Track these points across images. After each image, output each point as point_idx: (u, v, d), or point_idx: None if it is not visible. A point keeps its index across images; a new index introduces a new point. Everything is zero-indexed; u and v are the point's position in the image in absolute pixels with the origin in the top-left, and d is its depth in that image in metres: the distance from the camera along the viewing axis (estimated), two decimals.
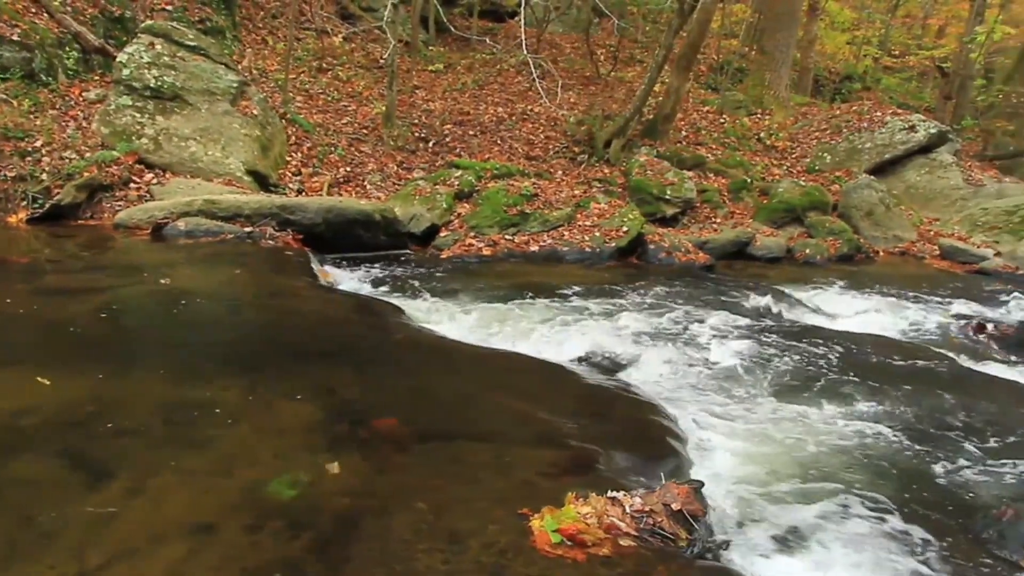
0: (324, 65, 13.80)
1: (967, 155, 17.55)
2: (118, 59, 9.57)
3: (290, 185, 10.07)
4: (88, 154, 8.60)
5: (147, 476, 2.94)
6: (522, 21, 9.29)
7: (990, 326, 7.60)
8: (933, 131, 15.18)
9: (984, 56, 19.60)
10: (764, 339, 6.43)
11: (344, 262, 8.17)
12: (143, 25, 10.11)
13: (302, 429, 3.48)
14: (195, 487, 2.91)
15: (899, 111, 16.71)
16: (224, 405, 3.63)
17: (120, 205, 8.19)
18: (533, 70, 10.31)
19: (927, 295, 9.28)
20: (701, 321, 6.92)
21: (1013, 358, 6.96)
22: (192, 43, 10.17)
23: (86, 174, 8.20)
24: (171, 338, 4.64)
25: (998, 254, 11.80)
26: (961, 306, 8.78)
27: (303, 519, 2.75)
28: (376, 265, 8.32)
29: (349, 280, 7.59)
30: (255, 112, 10.21)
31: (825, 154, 15.20)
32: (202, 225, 7.50)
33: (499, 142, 12.89)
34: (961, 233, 13.05)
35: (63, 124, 8.97)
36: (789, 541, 3.46)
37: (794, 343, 6.36)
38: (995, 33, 16.90)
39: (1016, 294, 9.75)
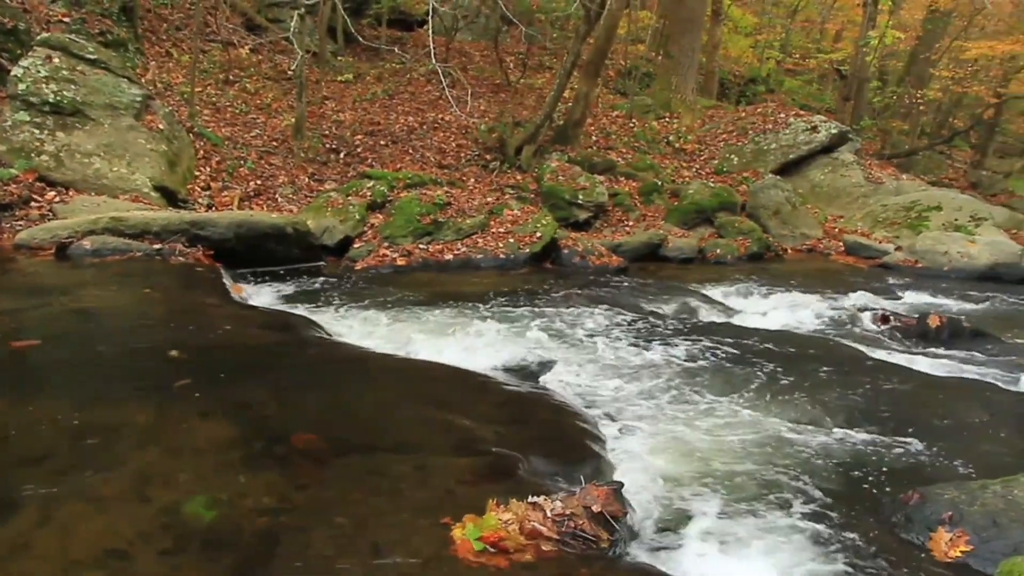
0: (231, 77, 13.59)
1: (867, 154, 18.16)
2: (13, 73, 9.26)
3: (199, 200, 9.90)
4: None
5: (56, 505, 2.85)
6: (430, 30, 9.28)
7: (893, 318, 7.89)
8: (834, 131, 15.69)
9: (878, 59, 20.30)
10: (679, 339, 6.56)
11: (257, 277, 8.06)
12: (39, 38, 9.80)
13: (218, 448, 3.43)
14: (108, 513, 2.83)
15: (802, 112, 17.21)
16: (136, 427, 3.56)
17: (21, 225, 7.92)
18: (442, 79, 10.32)
19: (834, 290, 9.57)
20: (617, 323, 7.03)
21: (915, 347, 7.23)
22: (92, 56, 9.92)
23: None
24: (79, 360, 4.52)
25: (898, 248, 12.23)
26: (866, 299, 9.09)
27: (222, 540, 2.72)
28: (290, 279, 8.23)
29: (263, 295, 7.49)
30: (161, 126, 10.01)
31: (732, 156, 15.56)
32: (109, 243, 7.31)
33: (411, 151, 12.88)
34: (864, 229, 13.51)
35: None
36: (709, 537, 3.54)
37: (708, 342, 6.50)
38: (887, 38, 17.52)
39: (916, 287, 10.14)
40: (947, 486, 3.94)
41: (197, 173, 10.47)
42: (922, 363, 6.62)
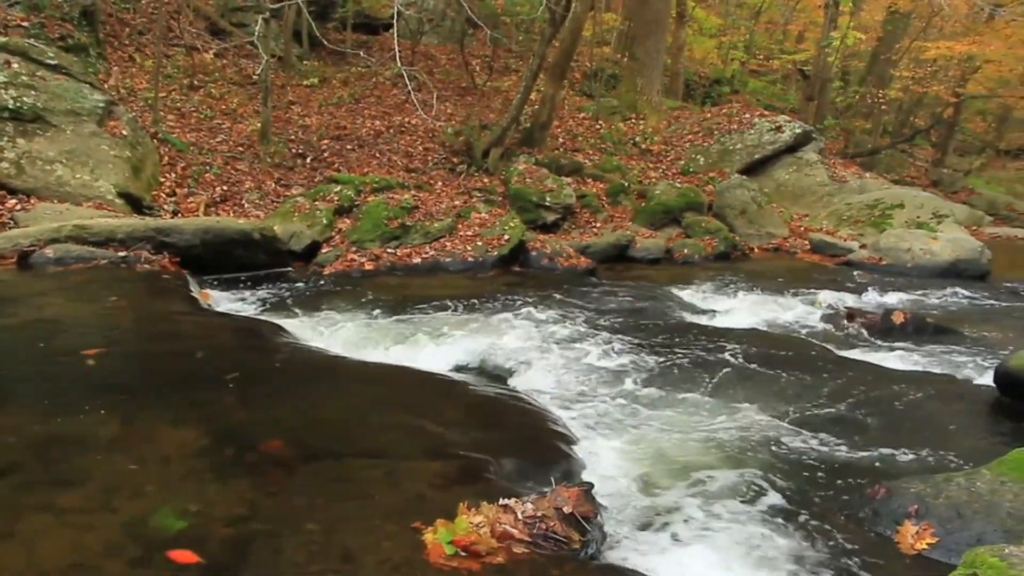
0: (196, 82, 13.48)
1: (830, 153, 18.36)
2: None
3: (165, 207, 9.81)
4: None
5: (19, 519, 2.81)
6: (395, 33, 9.26)
7: (859, 314, 7.99)
8: (798, 131, 15.86)
9: (840, 60, 20.54)
10: (648, 339, 6.60)
11: (225, 283, 8.00)
12: None
13: (187, 457, 3.41)
14: (74, 526, 2.80)
15: (766, 113, 17.36)
16: (102, 438, 3.52)
17: None
18: (408, 82, 10.29)
19: (800, 288, 9.66)
20: (586, 325, 7.06)
21: (880, 343, 7.33)
22: (53, 61, 9.81)
23: None
24: (43, 371, 4.46)
25: (863, 246, 12.37)
26: (832, 297, 9.17)
27: (192, 550, 2.70)
28: (258, 285, 8.18)
29: (230, 301, 7.45)
30: (124, 132, 9.92)
31: (698, 156, 15.67)
32: (73, 252, 7.21)
33: (377, 155, 12.84)
34: (829, 227, 13.65)
35: None
36: (681, 535, 3.57)
37: (677, 341, 6.55)
38: (848, 38, 17.75)
39: (880, 283, 10.26)
40: (913, 480, 4.00)
41: (162, 179, 10.38)
42: (887, 359, 6.73)
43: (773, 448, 4.56)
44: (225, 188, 10.80)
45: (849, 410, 5.18)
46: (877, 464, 4.39)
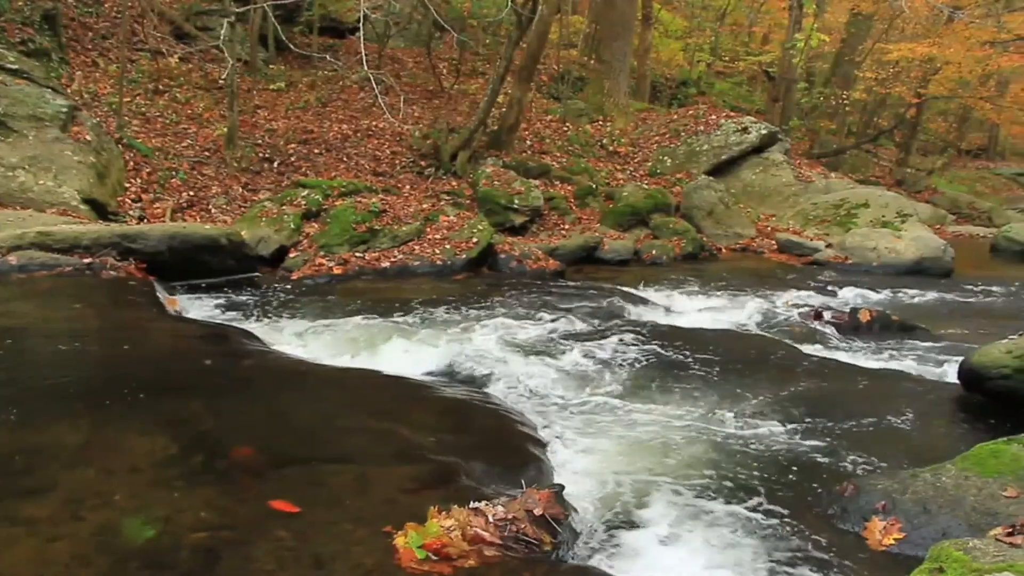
0: (160, 87, 13.36)
1: (796, 153, 18.52)
2: None
3: (131, 213, 9.72)
4: None
5: None
6: (361, 37, 9.25)
7: (826, 313, 8.07)
8: (764, 132, 16.00)
9: (805, 61, 20.71)
10: (617, 340, 6.62)
11: (192, 289, 7.93)
12: None
13: (155, 465, 3.38)
14: (40, 537, 2.76)
15: (732, 114, 17.49)
16: (69, 447, 3.48)
17: None
18: (375, 86, 10.28)
19: (768, 288, 9.75)
20: (555, 327, 7.07)
21: (847, 342, 7.41)
22: (14, 66, 9.69)
23: None
24: (7, 380, 4.40)
25: (829, 245, 12.50)
26: (799, 296, 9.27)
27: (162, 559, 2.69)
28: (225, 290, 8.12)
29: (198, 307, 7.38)
30: (88, 138, 9.81)
31: (665, 157, 15.75)
32: (36, 259, 7.12)
33: (345, 159, 12.80)
34: (795, 227, 13.78)
35: None
36: (652, 535, 3.58)
37: (646, 342, 6.57)
38: (812, 40, 17.91)
39: (847, 282, 10.38)
40: (880, 476, 4.06)
41: (128, 185, 10.28)
42: (854, 357, 6.81)
43: (743, 447, 4.60)
44: (192, 193, 10.71)
45: (817, 408, 5.23)
46: (845, 461, 4.44)
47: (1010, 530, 2.77)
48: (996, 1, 18.49)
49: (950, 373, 6.00)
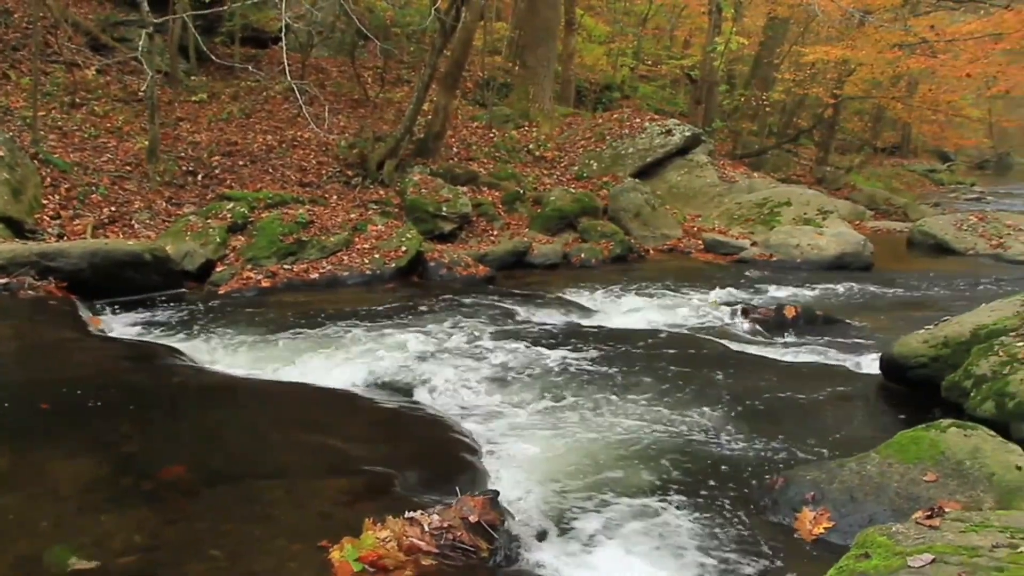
0: (77, 100, 13.03)
1: (720, 154, 18.83)
2: None
3: (49, 230, 9.46)
4: None
5: None
6: (284, 47, 9.16)
7: (753, 311, 8.24)
8: (688, 134, 16.23)
9: (725, 64, 21.12)
10: (548, 345, 6.67)
11: (116, 307, 7.75)
12: None
13: (81, 490, 3.32)
14: None
15: (656, 117, 17.70)
16: None
17: None
18: (299, 96, 10.17)
19: (696, 287, 9.89)
20: (487, 333, 7.09)
21: (773, 337, 7.59)
22: None
23: None
24: None
25: (754, 244, 12.73)
26: (726, 294, 9.43)
27: None
28: (151, 307, 7.96)
29: (123, 326, 7.23)
30: (1, 153, 9.54)
31: (592, 161, 15.87)
32: None
33: (270, 171, 12.64)
34: (721, 227, 13.99)
35: None
36: (588, 535, 3.63)
37: (577, 345, 6.64)
38: (732, 43, 18.28)
39: (772, 279, 10.60)
40: (808, 467, 4.17)
41: (45, 202, 10.01)
42: (781, 352, 6.98)
43: (675, 445, 4.68)
44: (113, 209, 10.47)
45: (747, 404, 5.35)
46: (775, 454, 4.55)
47: (929, 513, 2.87)
48: (903, 5, 19.03)
49: (872, 364, 6.18)
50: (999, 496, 3.61)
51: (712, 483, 4.18)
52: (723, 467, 4.38)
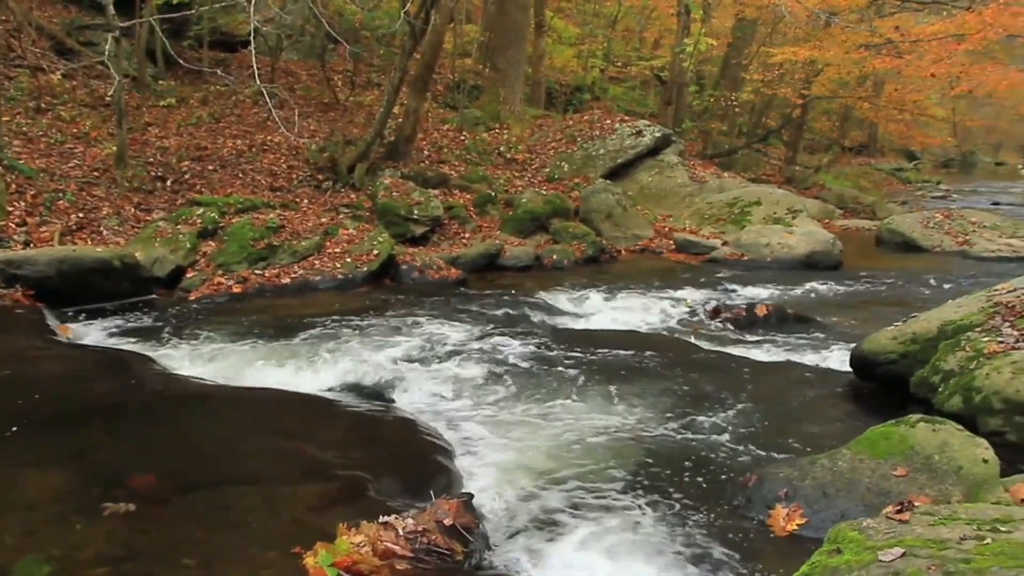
0: (43, 105, 12.90)
1: (690, 155, 18.91)
2: None
3: (15, 238, 9.35)
4: None
5: None
6: (253, 51, 9.11)
7: (725, 310, 8.29)
8: (658, 135, 16.31)
9: (695, 65, 21.24)
10: (522, 346, 6.68)
11: (85, 315, 7.68)
12: None
13: (51, 500, 3.28)
14: None
15: (626, 118, 17.76)
16: None
17: None
18: (269, 100, 10.11)
19: (668, 287, 9.94)
20: (460, 336, 7.09)
21: (745, 336, 7.64)
22: None
23: None
24: None
25: (725, 243, 12.80)
26: (698, 294, 9.49)
27: None
28: (121, 314, 7.89)
29: (92, 333, 7.16)
30: None
31: (563, 163, 15.91)
32: None
33: (241, 175, 12.56)
34: (692, 227, 14.06)
35: None
36: (564, 536, 3.64)
37: (551, 347, 6.65)
38: (701, 44, 18.38)
39: (743, 278, 10.67)
40: (781, 464, 4.21)
41: (10, 209, 9.89)
42: (753, 351, 7.03)
43: (649, 445, 4.70)
44: (81, 215, 10.37)
45: (719, 402, 5.38)
46: (748, 452, 4.59)
47: (899, 507, 2.91)
48: (869, 7, 19.22)
49: (843, 361, 6.25)
50: (967, 489, 3.67)
51: (686, 481, 4.21)
52: (696, 466, 4.41)
